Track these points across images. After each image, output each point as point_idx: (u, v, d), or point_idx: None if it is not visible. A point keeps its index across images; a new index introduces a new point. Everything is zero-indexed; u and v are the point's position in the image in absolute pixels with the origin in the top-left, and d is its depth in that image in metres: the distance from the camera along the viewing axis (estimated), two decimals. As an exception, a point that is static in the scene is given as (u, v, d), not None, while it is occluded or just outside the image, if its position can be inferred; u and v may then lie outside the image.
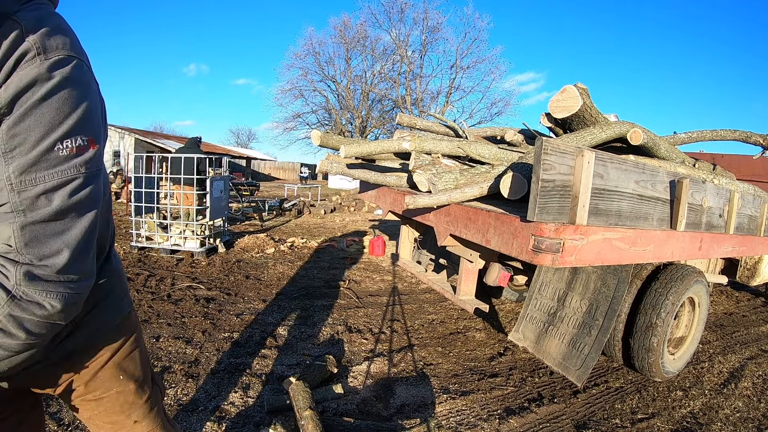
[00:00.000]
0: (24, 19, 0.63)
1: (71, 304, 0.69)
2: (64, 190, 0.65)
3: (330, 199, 14.83)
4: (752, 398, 2.73)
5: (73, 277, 0.68)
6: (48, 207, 0.64)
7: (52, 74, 0.62)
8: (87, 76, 0.70)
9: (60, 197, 0.65)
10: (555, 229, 1.67)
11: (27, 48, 0.61)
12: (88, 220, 0.70)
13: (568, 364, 2.41)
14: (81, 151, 0.67)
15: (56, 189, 0.65)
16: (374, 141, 2.79)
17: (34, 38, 0.62)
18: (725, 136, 3.75)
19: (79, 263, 0.69)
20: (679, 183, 2.18)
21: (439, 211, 2.45)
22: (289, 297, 4.03)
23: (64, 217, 0.67)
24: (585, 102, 2.76)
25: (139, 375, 1.02)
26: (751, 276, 3.96)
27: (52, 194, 0.64)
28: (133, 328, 1.03)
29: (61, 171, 0.65)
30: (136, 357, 1.03)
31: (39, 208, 0.64)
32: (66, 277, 0.67)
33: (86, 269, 0.72)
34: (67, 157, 0.65)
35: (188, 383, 2.36)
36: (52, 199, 0.64)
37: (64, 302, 0.68)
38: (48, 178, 0.64)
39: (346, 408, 2.26)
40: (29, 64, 0.61)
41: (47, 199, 0.64)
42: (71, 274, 0.68)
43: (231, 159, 22.64)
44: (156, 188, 5.79)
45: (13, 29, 0.61)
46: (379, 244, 6.08)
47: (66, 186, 0.66)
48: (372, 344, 3.13)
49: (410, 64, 27.40)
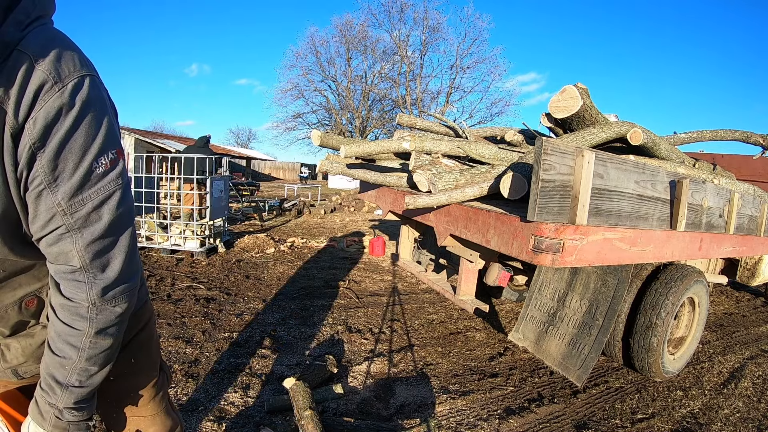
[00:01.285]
0: (29, 47, 0.64)
1: (132, 297, 0.81)
2: (109, 204, 0.73)
3: (330, 199, 14.83)
4: (752, 398, 2.73)
5: (131, 279, 0.79)
6: (100, 222, 0.72)
7: (74, 101, 0.66)
8: (100, 91, 0.73)
9: (108, 211, 0.73)
10: (555, 229, 1.67)
11: (43, 79, 0.63)
12: (131, 225, 0.79)
13: (568, 364, 2.41)
14: (114, 165, 0.73)
15: (103, 204, 0.72)
16: (374, 141, 2.80)
17: (47, 67, 0.64)
18: (725, 136, 3.75)
19: (133, 265, 0.80)
20: (679, 183, 2.18)
21: (439, 211, 2.46)
22: (289, 297, 4.03)
23: (115, 228, 0.74)
24: (585, 102, 2.76)
25: (148, 360, 1.08)
26: (751, 276, 3.96)
27: (101, 210, 0.72)
28: (148, 316, 1.09)
29: (103, 187, 0.72)
30: (149, 343, 1.08)
31: (92, 224, 0.71)
32: (126, 281, 0.78)
33: (137, 267, 0.82)
34: (104, 173, 0.71)
35: (188, 383, 2.36)
36: (102, 215, 0.72)
37: (129, 301, 0.80)
38: (94, 196, 0.70)
39: (346, 408, 2.26)
40: (50, 95, 0.63)
41: (98, 215, 0.71)
42: (129, 276, 0.79)
43: (231, 159, 22.66)
44: (156, 188, 5.79)
45: (22, 61, 0.63)
46: (379, 244, 6.08)
47: (110, 199, 0.73)
48: (372, 344, 3.13)
49: (410, 64, 27.43)
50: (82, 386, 0.78)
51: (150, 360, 1.09)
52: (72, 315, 0.74)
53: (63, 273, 0.72)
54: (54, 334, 0.76)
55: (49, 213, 0.68)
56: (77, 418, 0.80)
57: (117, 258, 0.75)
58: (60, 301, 0.74)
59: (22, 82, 0.62)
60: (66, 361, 0.76)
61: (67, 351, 0.76)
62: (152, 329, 1.11)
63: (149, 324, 1.09)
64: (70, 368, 0.76)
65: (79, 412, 0.80)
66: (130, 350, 1.02)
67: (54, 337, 0.77)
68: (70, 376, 0.77)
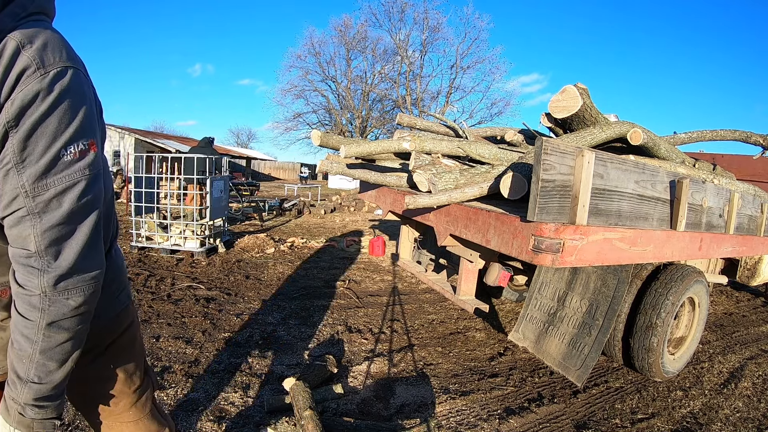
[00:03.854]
0: (19, 35, 0.67)
1: (90, 294, 0.78)
2: (72, 192, 0.73)
3: (330, 199, 14.83)
4: (752, 398, 2.73)
5: (88, 272, 0.77)
6: (60, 209, 0.71)
7: (52, 87, 0.68)
8: (83, 83, 0.75)
9: (69, 199, 0.72)
10: (555, 229, 1.67)
11: (27, 63, 0.66)
12: (94, 219, 0.78)
13: (568, 364, 2.41)
14: (83, 155, 0.74)
15: (65, 192, 0.72)
16: (374, 141, 2.79)
17: (32, 53, 0.67)
18: (725, 136, 3.75)
19: (90, 259, 0.77)
20: (679, 183, 2.17)
21: (439, 211, 2.45)
22: (289, 297, 4.03)
23: (75, 218, 0.74)
24: (585, 102, 2.76)
25: (130, 365, 1.07)
26: (751, 276, 3.96)
27: (62, 197, 0.72)
28: (130, 320, 1.07)
29: (68, 175, 0.72)
30: (131, 347, 1.07)
31: (52, 210, 0.71)
32: (82, 273, 0.76)
33: (98, 263, 0.80)
34: (71, 161, 0.72)
35: (188, 383, 2.36)
36: (63, 202, 0.72)
37: (85, 295, 0.77)
38: (57, 182, 0.71)
39: (346, 408, 2.26)
40: (31, 79, 0.66)
41: (58, 201, 0.71)
42: (86, 270, 0.76)
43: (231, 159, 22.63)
44: (156, 188, 5.79)
45: (10, 45, 0.66)
46: (379, 244, 6.08)
47: (74, 188, 0.73)
48: (372, 344, 3.13)
49: (410, 64, 27.42)
50: (41, 383, 0.76)
51: (132, 364, 1.07)
52: (25, 304, 0.73)
53: (19, 257, 0.72)
54: (13, 326, 0.76)
55: (13, 193, 0.69)
56: (40, 416, 0.78)
57: (72, 248, 0.74)
58: (16, 289, 0.74)
59: (7, 65, 0.65)
60: (23, 354, 0.75)
61: (22, 343, 0.74)
62: (135, 333, 1.09)
63: (131, 328, 1.07)
64: (27, 362, 0.75)
65: (41, 410, 0.77)
66: (110, 354, 1.01)
67: (13, 328, 0.76)
68: (29, 371, 0.75)
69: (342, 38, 27.46)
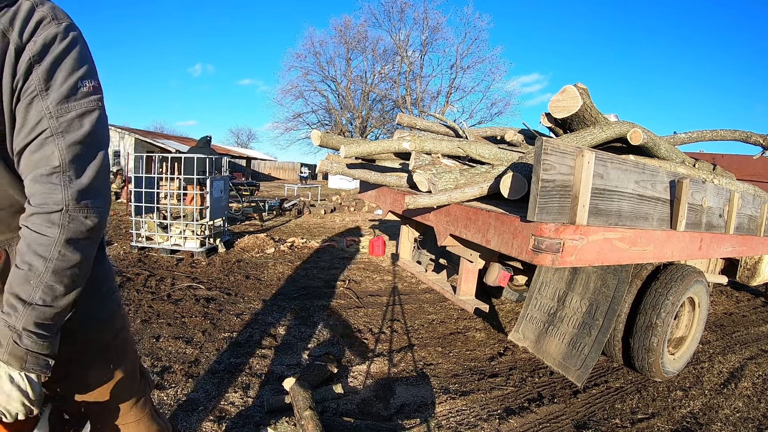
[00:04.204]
0: None
1: (102, 220, 0.85)
2: (91, 117, 0.83)
3: (330, 199, 14.83)
4: (752, 398, 2.73)
5: (103, 195, 0.85)
6: (81, 129, 0.81)
7: (67, 33, 0.82)
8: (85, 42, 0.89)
9: (89, 122, 0.83)
10: (555, 229, 1.67)
11: (43, 15, 0.81)
12: (105, 153, 0.87)
13: (568, 364, 2.41)
14: (96, 91, 0.86)
15: (85, 115, 0.82)
16: (374, 141, 2.80)
17: (46, 9, 0.82)
18: (725, 136, 3.75)
19: (105, 186, 0.86)
20: (679, 183, 2.18)
21: (439, 211, 2.46)
22: (289, 297, 4.03)
23: (94, 141, 0.84)
24: (585, 102, 2.76)
25: (127, 367, 1.09)
26: (751, 276, 3.96)
27: (83, 119, 0.82)
28: (121, 324, 1.09)
29: (87, 102, 0.83)
30: (124, 349, 1.10)
31: (74, 129, 0.81)
32: (99, 194, 0.84)
33: (108, 195, 0.89)
34: (88, 92, 0.84)
35: (188, 383, 2.36)
36: (83, 123, 0.82)
37: (99, 218, 0.83)
38: (78, 107, 0.82)
39: (346, 408, 2.26)
40: (49, 25, 0.80)
41: (80, 122, 0.82)
42: (102, 193, 0.85)
43: (231, 159, 22.62)
44: (156, 188, 5.79)
45: (25, 4, 0.80)
46: (379, 244, 6.08)
47: (92, 113, 0.84)
48: (372, 344, 3.13)
49: (410, 64, 27.42)
50: (45, 305, 0.77)
51: (129, 366, 1.09)
52: (44, 222, 0.77)
53: (41, 176, 0.78)
54: (24, 247, 0.78)
55: (38, 116, 0.78)
56: (36, 347, 0.77)
57: (92, 168, 0.83)
58: (33, 210, 0.78)
59: (26, 16, 0.78)
60: (32, 274, 0.77)
61: (34, 262, 0.77)
62: (127, 336, 1.11)
63: (122, 330, 1.09)
64: (36, 282, 0.77)
65: (40, 339, 0.77)
66: (110, 355, 1.04)
67: (23, 250, 0.78)
68: (35, 292, 0.77)
69: (342, 38, 27.48)
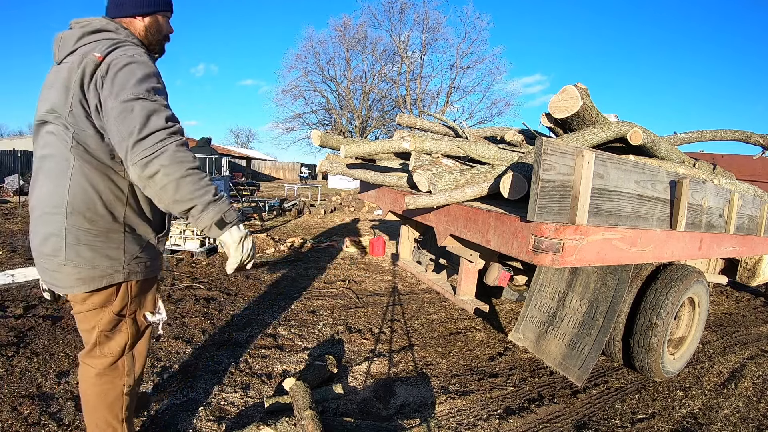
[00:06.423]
0: (112, 31, 1.37)
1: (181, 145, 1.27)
2: (157, 111, 1.25)
3: (330, 199, 14.82)
4: (752, 398, 2.73)
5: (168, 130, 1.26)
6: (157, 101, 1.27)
7: (131, 56, 1.28)
8: (149, 60, 1.36)
9: (158, 117, 1.25)
10: (555, 229, 1.67)
11: (118, 42, 1.32)
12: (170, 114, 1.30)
13: (568, 364, 2.41)
14: (162, 90, 1.33)
15: (150, 112, 1.23)
16: (374, 141, 2.79)
17: (120, 38, 1.35)
18: (725, 136, 3.75)
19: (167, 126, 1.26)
20: (679, 183, 2.17)
21: (439, 211, 2.45)
22: (289, 297, 4.03)
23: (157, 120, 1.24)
24: (585, 102, 2.76)
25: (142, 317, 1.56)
26: (751, 276, 3.96)
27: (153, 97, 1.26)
28: (155, 282, 1.61)
29: (155, 98, 1.27)
30: (150, 302, 1.59)
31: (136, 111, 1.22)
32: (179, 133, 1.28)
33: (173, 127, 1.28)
34: (154, 90, 1.28)
35: (188, 383, 2.36)
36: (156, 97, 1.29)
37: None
38: (147, 95, 1.24)
39: (346, 408, 2.26)
40: (117, 52, 1.27)
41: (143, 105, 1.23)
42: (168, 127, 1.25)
43: (231, 159, 22.62)
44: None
45: (108, 36, 1.35)
46: (379, 244, 6.07)
47: (159, 110, 1.26)
48: (372, 344, 3.13)
49: (410, 65, 27.40)
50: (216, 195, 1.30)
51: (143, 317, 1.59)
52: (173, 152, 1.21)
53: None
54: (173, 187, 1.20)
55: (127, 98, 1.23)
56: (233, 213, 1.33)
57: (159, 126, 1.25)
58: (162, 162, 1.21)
59: (107, 44, 1.31)
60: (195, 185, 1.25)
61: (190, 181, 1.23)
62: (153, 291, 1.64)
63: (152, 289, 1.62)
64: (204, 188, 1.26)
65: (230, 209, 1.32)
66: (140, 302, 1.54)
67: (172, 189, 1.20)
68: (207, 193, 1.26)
69: (342, 38, 27.45)
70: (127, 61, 1.22)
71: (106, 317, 1.40)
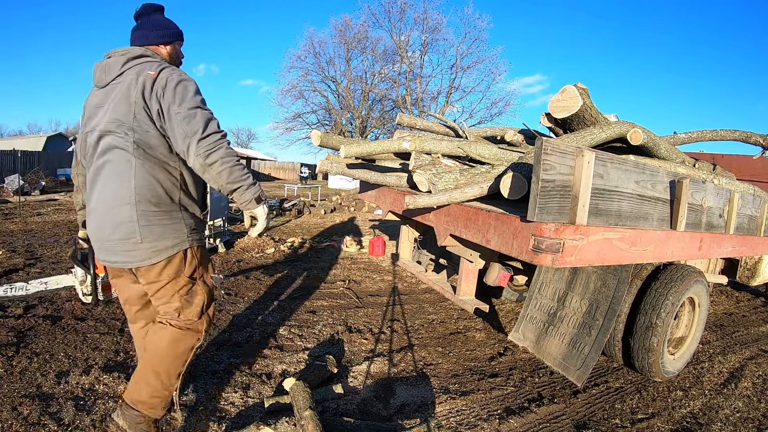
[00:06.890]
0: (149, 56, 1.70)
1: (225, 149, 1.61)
2: (212, 119, 1.61)
3: (330, 199, 14.82)
4: (752, 398, 2.73)
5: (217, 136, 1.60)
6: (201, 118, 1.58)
7: (181, 75, 1.61)
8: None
9: (206, 109, 1.61)
10: (555, 229, 1.67)
11: (161, 63, 1.65)
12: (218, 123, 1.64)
13: (568, 364, 2.41)
14: (206, 102, 1.64)
15: (202, 106, 1.61)
16: (374, 141, 2.79)
17: (158, 60, 1.68)
18: (725, 136, 3.75)
19: (216, 131, 1.61)
20: (679, 183, 2.18)
21: (439, 211, 2.46)
22: (289, 297, 4.03)
23: (213, 125, 1.61)
24: (585, 102, 2.76)
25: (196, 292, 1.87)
26: (751, 276, 3.96)
27: (203, 108, 1.61)
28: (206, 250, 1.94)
29: (208, 108, 1.63)
30: (210, 267, 1.91)
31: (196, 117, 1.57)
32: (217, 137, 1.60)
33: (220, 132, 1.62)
34: (203, 101, 1.63)
35: (188, 383, 2.36)
36: (204, 108, 1.62)
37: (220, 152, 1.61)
38: (203, 105, 1.62)
39: (346, 408, 2.26)
40: (167, 71, 1.59)
41: (202, 114, 1.58)
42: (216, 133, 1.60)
43: (231, 159, 22.42)
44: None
45: (149, 59, 1.66)
46: (379, 244, 6.07)
47: (213, 119, 1.62)
48: (372, 344, 3.13)
49: (410, 65, 27.39)
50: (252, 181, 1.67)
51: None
52: (221, 151, 1.57)
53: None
54: (227, 175, 1.58)
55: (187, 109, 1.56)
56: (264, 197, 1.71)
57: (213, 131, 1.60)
58: (215, 157, 1.56)
59: (158, 65, 1.62)
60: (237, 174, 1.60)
61: (235, 172, 1.59)
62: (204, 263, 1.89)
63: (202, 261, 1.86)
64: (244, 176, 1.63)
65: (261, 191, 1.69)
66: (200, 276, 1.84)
67: (226, 178, 1.58)
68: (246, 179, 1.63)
69: (342, 38, 27.43)
70: (180, 78, 1.56)
71: (181, 282, 1.73)
